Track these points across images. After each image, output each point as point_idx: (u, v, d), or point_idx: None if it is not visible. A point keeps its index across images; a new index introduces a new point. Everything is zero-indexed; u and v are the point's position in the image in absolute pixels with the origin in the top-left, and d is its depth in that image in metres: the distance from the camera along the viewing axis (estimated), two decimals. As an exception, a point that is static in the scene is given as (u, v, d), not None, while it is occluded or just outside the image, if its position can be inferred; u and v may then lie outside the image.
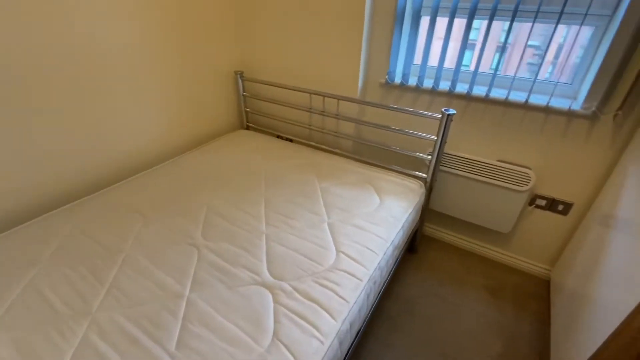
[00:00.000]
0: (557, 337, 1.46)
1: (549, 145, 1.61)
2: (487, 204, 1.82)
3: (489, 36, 1.51)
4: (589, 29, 1.43)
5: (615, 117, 1.40)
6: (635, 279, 1.01)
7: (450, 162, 1.84)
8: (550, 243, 1.84)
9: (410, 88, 1.84)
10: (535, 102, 1.52)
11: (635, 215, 1.16)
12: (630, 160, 1.36)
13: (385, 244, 1.33)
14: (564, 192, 1.68)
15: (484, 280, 1.92)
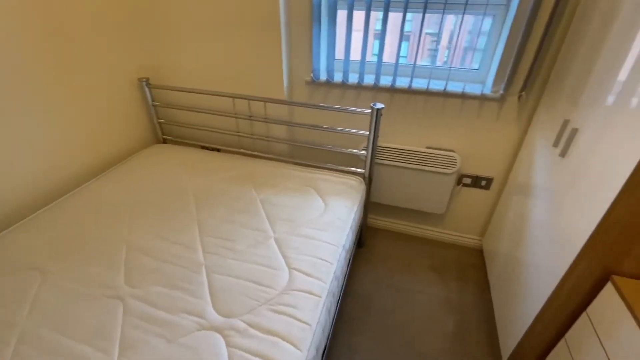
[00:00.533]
0: (499, 302, 1.60)
1: (468, 128, 1.73)
2: (421, 189, 1.90)
3: (421, 29, 1.54)
4: (490, 18, 1.55)
5: (520, 97, 1.56)
6: (556, 238, 1.13)
7: (383, 154, 1.87)
8: (479, 216, 2.02)
9: (336, 84, 1.80)
10: (453, 90, 1.62)
11: (543, 182, 1.30)
12: (533, 134, 1.53)
13: (337, 251, 1.27)
14: (485, 169, 1.84)
15: (429, 260, 2.02)
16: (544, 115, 1.46)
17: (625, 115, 0.91)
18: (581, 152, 1.09)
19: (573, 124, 1.17)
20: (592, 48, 1.15)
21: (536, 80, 1.52)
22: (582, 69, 1.20)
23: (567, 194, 1.12)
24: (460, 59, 1.72)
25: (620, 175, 0.86)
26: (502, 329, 1.49)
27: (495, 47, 1.53)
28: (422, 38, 1.56)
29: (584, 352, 1.03)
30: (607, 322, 0.96)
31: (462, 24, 1.50)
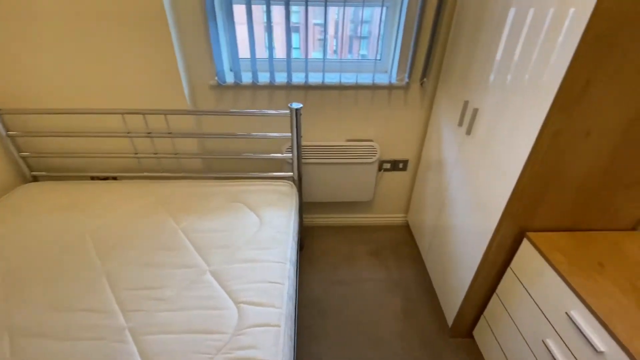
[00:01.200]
0: (434, 271, 1.75)
1: (381, 117, 1.81)
2: (348, 181, 1.93)
3: (330, 24, 1.49)
4: (385, 9, 1.62)
5: (422, 84, 1.68)
6: (478, 207, 1.26)
7: (307, 153, 1.82)
8: (401, 195, 2.16)
9: (246, 86, 1.66)
10: (363, 82, 1.65)
11: (455, 158, 1.44)
12: (437, 116, 1.68)
13: (285, 267, 1.18)
14: (400, 152, 1.96)
15: (366, 246, 2.09)
16: (444, 99, 1.60)
17: (514, 92, 1.03)
18: (485, 129, 1.22)
19: (473, 105, 1.30)
20: (472, 34, 1.29)
21: (433, 67, 1.66)
22: (467, 54, 1.34)
23: (479, 167, 1.25)
24: (357, 50, 1.76)
25: (523, 147, 0.98)
26: (442, 296, 1.63)
27: (396, 38, 1.61)
28: (343, 31, 1.54)
29: (513, 300, 1.19)
30: (528, 271, 1.11)
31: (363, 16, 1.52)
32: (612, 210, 1.10)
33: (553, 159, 0.97)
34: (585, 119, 0.90)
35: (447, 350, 1.50)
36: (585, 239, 1.10)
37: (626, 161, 0.99)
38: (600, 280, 0.94)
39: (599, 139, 0.94)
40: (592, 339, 0.85)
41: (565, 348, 0.95)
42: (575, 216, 1.11)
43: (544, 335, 1.03)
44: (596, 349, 0.84)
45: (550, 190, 1.04)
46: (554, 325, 0.99)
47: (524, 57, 0.99)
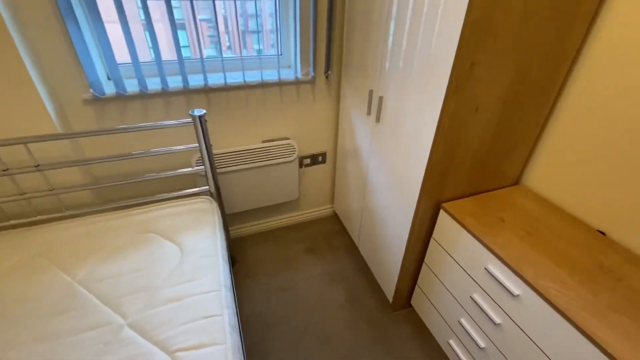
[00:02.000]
0: (367, 254, 1.82)
1: (293, 113, 1.77)
2: (271, 183, 1.86)
3: (224, 19, 1.34)
4: (278, 2, 1.55)
5: (327, 77, 1.69)
6: (397, 187, 1.34)
7: (221, 161, 1.67)
8: (325, 187, 2.19)
9: (133, 96, 1.42)
10: (269, 79, 1.58)
11: (369, 145, 1.50)
12: (346, 106, 1.72)
13: (220, 295, 1.06)
14: (318, 146, 1.97)
15: (301, 245, 2.06)
16: (350, 90, 1.65)
17: (414, 78, 1.10)
18: (393, 115, 1.28)
19: (378, 93, 1.36)
20: (365, 25, 1.34)
21: (335, 60, 1.68)
22: (363, 44, 1.39)
23: (393, 151, 1.32)
24: (250, 45, 1.68)
25: (429, 127, 1.06)
26: (379, 276, 1.71)
27: (294, 32, 1.56)
28: (234, 27, 1.40)
29: (440, 266, 1.31)
30: (448, 237, 1.23)
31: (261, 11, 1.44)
32: (500, 171, 1.29)
33: (453, 135, 1.08)
34: (473, 97, 1.01)
35: (392, 324, 1.59)
36: (485, 200, 1.26)
37: (506, 130, 1.16)
38: (504, 233, 1.09)
39: (485, 113, 1.07)
40: (509, 286, 0.98)
41: (489, 299, 1.08)
42: (474, 182, 1.27)
43: (470, 291, 1.16)
44: (512, 294, 0.97)
45: (454, 163, 1.16)
46: (477, 281, 1.12)
47: (419, 45, 1.06)
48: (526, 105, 1.13)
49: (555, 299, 0.86)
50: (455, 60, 0.90)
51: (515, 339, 1.00)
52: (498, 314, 1.05)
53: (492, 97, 1.04)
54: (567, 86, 1.15)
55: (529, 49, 0.98)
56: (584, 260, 0.99)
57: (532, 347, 0.94)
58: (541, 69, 1.05)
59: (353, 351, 1.47)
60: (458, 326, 1.27)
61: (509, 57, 0.97)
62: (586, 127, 1.11)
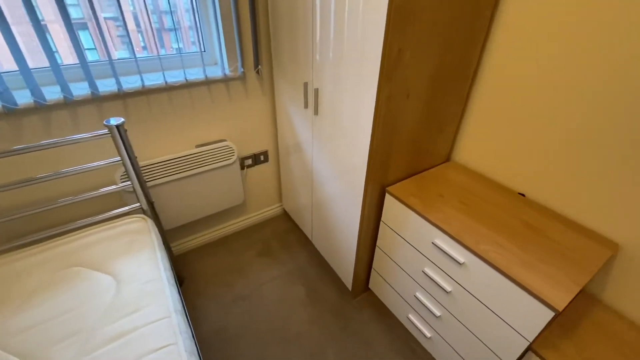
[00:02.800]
0: (322, 248, 1.82)
1: (226, 112, 1.67)
2: (213, 189, 1.74)
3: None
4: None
5: (258, 72, 1.62)
6: (345, 177, 1.35)
7: (152, 173, 1.51)
8: (271, 186, 2.13)
9: (27, 109, 1.19)
10: (195, 78, 1.46)
11: (311, 138, 1.49)
12: (282, 101, 1.68)
13: (171, 322, 0.96)
14: (258, 145, 1.89)
15: (254, 250, 1.99)
16: (284, 84, 1.60)
17: (347, 68, 1.11)
18: (330, 106, 1.28)
19: (313, 85, 1.34)
20: (290, 16, 1.31)
21: (263, 53, 1.61)
22: (292, 36, 1.35)
23: (335, 141, 1.33)
24: (169, 44, 1.54)
25: (367, 115, 1.08)
26: (336, 266, 1.73)
27: (216, 28, 1.46)
28: (147, 24, 1.24)
29: (392, 247, 1.36)
30: (396, 219, 1.29)
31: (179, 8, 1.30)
32: (433, 151, 1.38)
33: (390, 120, 1.11)
34: (404, 83, 1.05)
35: (354, 310, 1.63)
36: (424, 179, 1.34)
37: (435, 112, 1.23)
38: (444, 208, 1.17)
39: (416, 97, 1.12)
40: (454, 255, 1.06)
41: (439, 270, 1.16)
42: (413, 163, 1.33)
43: (421, 266, 1.23)
44: (458, 262, 1.05)
45: (394, 147, 1.20)
46: (426, 255, 1.19)
47: (347, 35, 1.06)
48: (449, 88, 1.21)
49: (495, 260, 0.95)
50: (384, 47, 0.92)
51: (465, 303, 1.09)
52: (448, 283, 1.13)
53: (420, 82, 1.09)
54: (480, 68, 1.26)
55: (447, 34, 1.05)
56: (512, 222, 1.11)
57: (480, 307, 1.04)
58: (459, 53, 1.14)
59: (320, 345, 1.47)
60: (415, 300, 1.34)
61: (431, 42, 1.02)
62: (497, 103, 1.24)
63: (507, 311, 0.95)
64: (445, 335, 1.24)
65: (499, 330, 1.00)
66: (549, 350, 0.98)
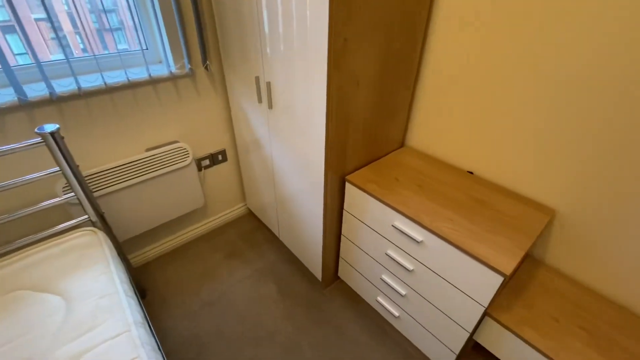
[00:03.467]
0: (290, 242, 1.82)
1: (177, 112, 1.60)
2: (170, 194, 1.67)
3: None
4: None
5: (207, 68, 1.56)
6: (305, 170, 1.35)
7: (99, 182, 1.41)
8: (232, 186, 2.08)
9: (-60, 122, 1.06)
10: (138, 78, 1.37)
11: (268, 133, 1.47)
12: (236, 97, 1.64)
13: (131, 335, 0.91)
14: (214, 144, 1.84)
15: (220, 252, 1.93)
16: (235, 79, 1.56)
17: (296, 60, 1.10)
18: (284, 99, 1.27)
19: (265, 79, 1.32)
20: (236, 9, 1.28)
21: (211, 49, 1.56)
22: (240, 31, 1.32)
23: (292, 134, 1.32)
24: (113, 46, 1.44)
25: (319, 105, 1.09)
26: (305, 259, 1.74)
27: (157, 24, 1.38)
28: (85, 25, 1.14)
29: (356, 234, 1.40)
30: (357, 206, 1.32)
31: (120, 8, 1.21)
32: (388, 138, 1.43)
33: (343, 110, 1.13)
34: (353, 72, 1.07)
35: (326, 300, 1.65)
36: (380, 165, 1.39)
37: (385, 99, 1.27)
38: (401, 191, 1.22)
39: (366, 86, 1.15)
40: (413, 235, 1.11)
41: (400, 250, 1.21)
42: (369, 151, 1.37)
43: (384, 249, 1.28)
44: (417, 241, 1.10)
45: (349, 136, 1.23)
46: (387, 238, 1.24)
47: (294, 27, 1.05)
48: (397, 75, 1.26)
49: (448, 235, 1.01)
50: (329, 37, 0.93)
51: (427, 279, 1.15)
52: (410, 262, 1.19)
53: (369, 70, 1.12)
54: (425, 55, 1.32)
55: (390, 23, 1.08)
56: (461, 198, 1.18)
57: (439, 281, 1.10)
58: (403, 42, 1.18)
59: (295, 339, 1.48)
60: (381, 283, 1.39)
61: (375, 31, 1.05)
62: (442, 89, 1.31)
63: (463, 281, 1.02)
64: (411, 312, 1.30)
65: (458, 300, 1.06)
66: (502, 312, 1.06)
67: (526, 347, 1.00)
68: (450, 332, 1.15)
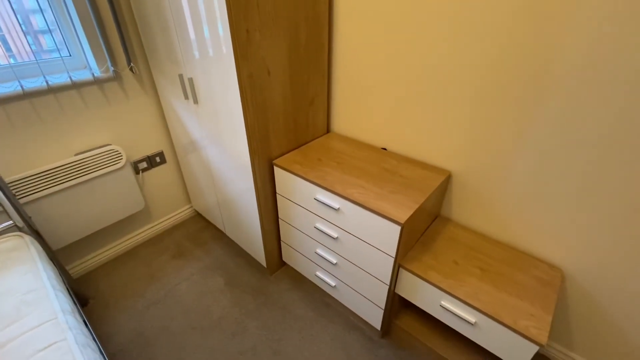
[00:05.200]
0: (236, 236, 1.88)
1: (107, 116, 1.62)
2: (105, 198, 1.67)
3: None
4: None
5: (132, 70, 1.60)
6: (234, 161, 1.44)
7: (29, 187, 1.39)
8: (176, 188, 2.10)
9: None
10: (58, 82, 1.39)
11: (197, 128, 1.54)
12: (166, 96, 1.69)
13: (57, 322, 0.93)
14: (151, 146, 1.86)
15: (166, 254, 1.94)
16: (162, 79, 1.62)
17: (207, 53, 1.20)
18: (206, 93, 1.36)
19: (187, 75, 1.40)
20: (151, 15, 1.35)
21: (135, 51, 1.60)
22: (159, 32, 1.40)
23: (219, 126, 1.41)
24: (46, 48, 1.45)
25: (234, 94, 1.19)
26: (250, 249, 1.81)
27: (74, 29, 1.41)
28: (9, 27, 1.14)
29: (290, 214, 1.50)
30: (286, 188, 1.43)
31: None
32: (311, 124, 1.56)
33: (257, 97, 1.24)
34: (261, 61, 1.19)
35: (272, 285, 1.73)
36: (306, 149, 1.51)
37: (300, 87, 1.40)
38: (321, 168, 1.34)
39: (277, 74, 1.27)
40: (330, 203, 1.24)
41: (325, 221, 1.33)
42: (294, 137, 1.49)
43: (313, 222, 1.40)
44: (335, 209, 1.23)
45: (270, 122, 1.34)
46: (313, 212, 1.36)
47: (202, 24, 1.15)
48: (309, 64, 1.40)
49: (358, 199, 1.15)
50: (231, 29, 1.04)
51: (349, 243, 1.28)
52: (334, 230, 1.31)
53: (278, 59, 1.24)
54: (334, 44, 1.48)
55: (291, 15, 1.22)
56: (373, 169, 1.33)
57: (358, 242, 1.23)
58: (308, 32, 1.32)
59: (242, 323, 1.54)
60: (317, 257, 1.50)
61: (277, 23, 1.18)
62: (353, 75, 1.47)
63: (374, 238, 1.16)
64: (344, 279, 1.42)
65: (375, 257, 1.20)
66: (413, 263, 1.22)
67: (432, 288, 1.16)
68: (375, 289, 1.29)
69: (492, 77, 1.08)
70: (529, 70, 1.00)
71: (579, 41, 0.89)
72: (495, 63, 1.06)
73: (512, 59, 1.02)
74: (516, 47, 1.00)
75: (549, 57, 0.95)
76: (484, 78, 1.10)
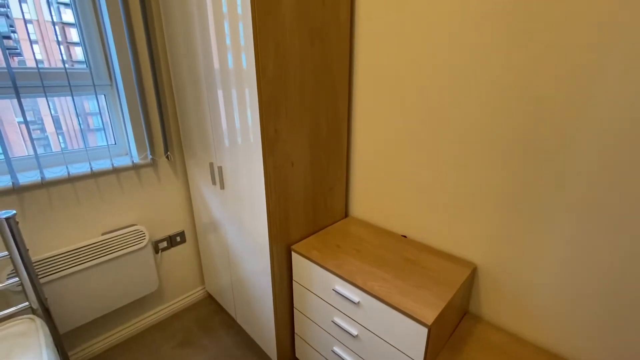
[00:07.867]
0: (247, 325, 1.77)
1: (138, 198, 1.72)
2: (122, 278, 1.66)
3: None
4: (104, 97, 1.60)
5: (168, 157, 1.76)
6: (253, 247, 1.44)
7: (50, 267, 1.42)
8: (191, 268, 2.08)
9: None
10: (101, 168, 1.53)
11: (220, 212, 1.60)
12: (195, 181, 1.81)
13: None
14: (173, 226, 1.92)
15: (172, 342, 1.82)
16: (194, 165, 1.75)
17: (238, 147, 1.32)
18: (233, 180, 1.45)
19: (217, 164, 1.51)
20: (194, 108, 1.54)
21: (173, 140, 1.78)
22: (196, 126, 1.57)
23: (241, 212, 1.46)
24: (83, 139, 1.64)
25: (259, 183, 1.26)
26: (260, 341, 1.68)
27: (123, 121, 1.62)
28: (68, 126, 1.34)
29: (306, 305, 1.42)
30: (304, 275, 1.39)
31: (70, 106, 1.44)
32: (330, 209, 1.59)
33: (280, 186, 1.30)
34: (286, 155, 1.28)
35: (283, 386, 1.55)
36: (325, 234, 1.51)
37: (320, 175, 1.48)
38: (340, 255, 1.32)
39: (300, 165, 1.36)
40: (350, 296, 1.18)
41: (342, 314, 1.24)
42: (312, 222, 1.51)
43: (331, 316, 1.31)
44: (354, 302, 1.16)
45: (290, 208, 1.38)
46: (331, 304, 1.28)
47: (236, 122, 1.29)
48: (329, 155, 1.49)
49: (379, 293, 1.09)
50: (261, 130, 1.16)
51: (370, 343, 1.17)
52: (353, 326, 1.22)
53: (300, 152, 1.34)
54: (352, 139, 1.59)
55: (314, 113, 1.35)
56: (393, 259, 1.30)
57: (380, 343, 1.13)
58: (329, 128, 1.44)
59: None
60: (334, 356, 1.36)
61: (301, 122, 1.30)
62: (371, 164, 1.55)
63: (399, 339, 1.06)
64: (364, 385, 1.26)
65: (397, 358, 1.08)
66: (442, 371, 1.08)
67: (467, 406, 1.00)
68: (399, 401, 1.13)
69: (518, 166, 1.11)
70: (556, 160, 1.02)
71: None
72: (520, 153, 1.10)
73: (538, 147, 1.05)
74: (542, 142, 1.04)
75: (573, 149, 0.98)
76: (509, 168, 1.13)
